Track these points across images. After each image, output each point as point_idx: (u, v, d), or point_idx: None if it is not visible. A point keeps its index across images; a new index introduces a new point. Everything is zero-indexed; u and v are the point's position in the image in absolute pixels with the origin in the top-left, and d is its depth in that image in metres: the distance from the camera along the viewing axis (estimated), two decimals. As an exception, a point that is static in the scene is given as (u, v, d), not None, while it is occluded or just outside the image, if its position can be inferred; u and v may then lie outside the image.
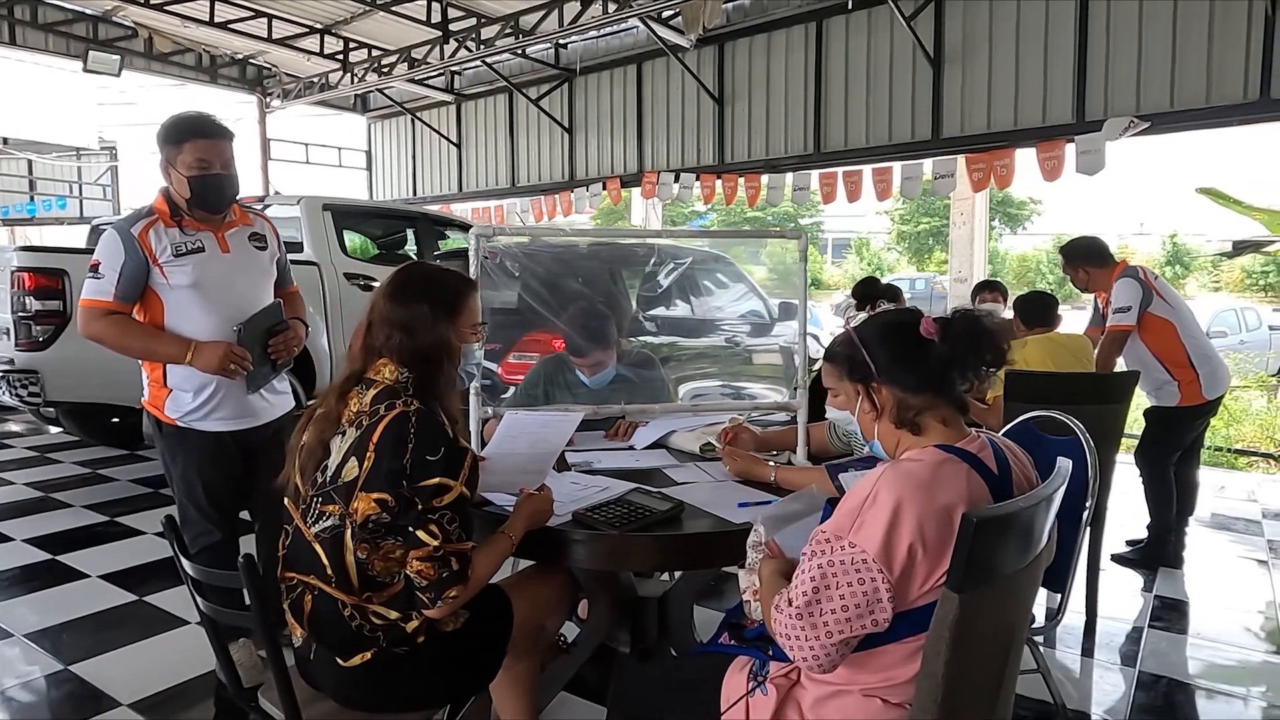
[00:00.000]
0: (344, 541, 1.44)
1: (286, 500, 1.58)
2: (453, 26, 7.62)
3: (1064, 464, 1.46)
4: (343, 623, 1.46)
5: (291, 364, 2.60)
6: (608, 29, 7.52)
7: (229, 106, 10.04)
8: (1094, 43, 5.52)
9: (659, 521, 1.79)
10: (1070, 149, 5.57)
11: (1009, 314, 4.19)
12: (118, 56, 8.37)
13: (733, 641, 1.61)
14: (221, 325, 2.32)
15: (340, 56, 8.68)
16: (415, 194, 10.50)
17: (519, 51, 7.88)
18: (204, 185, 2.23)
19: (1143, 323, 3.57)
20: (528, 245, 2.36)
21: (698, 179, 7.62)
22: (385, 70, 8.39)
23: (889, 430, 1.43)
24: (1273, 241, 7.32)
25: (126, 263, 2.18)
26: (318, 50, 8.56)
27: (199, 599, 1.55)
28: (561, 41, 7.86)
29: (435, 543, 1.42)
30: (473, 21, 7.54)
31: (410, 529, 1.42)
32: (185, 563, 1.53)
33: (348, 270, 5.41)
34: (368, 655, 1.46)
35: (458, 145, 9.92)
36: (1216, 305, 13.83)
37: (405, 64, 8.27)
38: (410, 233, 6.23)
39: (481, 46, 7.40)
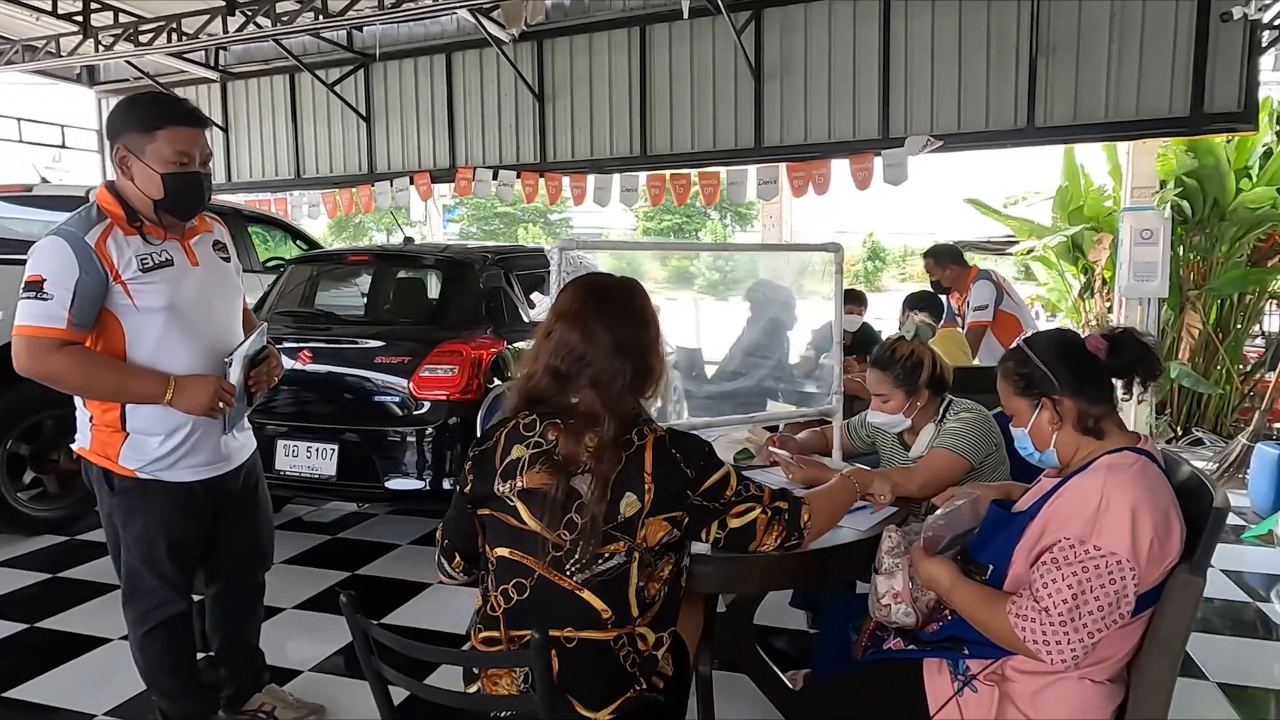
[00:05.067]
0: (629, 576, 1.39)
1: (515, 554, 1.42)
2: (239, -3, 6.74)
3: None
4: (608, 660, 1.39)
5: (264, 397, 2.28)
6: (412, 16, 7.08)
7: (-96, 67, 8.00)
8: (895, 69, 6.23)
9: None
10: (878, 162, 6.25)
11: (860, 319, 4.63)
12: None
13: (910, 646, 1.68)
14: (202, 356, 1.96)
15: (79, 18, 7.31)
16: (167, 182, 9.15)
17: (316, 33, 7.16)
18: (181, 185, 1.85)
19: (995, 318, 4.15)
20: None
21: (518, 176, 7.46)
22: (144, 41, 7.22)
23: (1069, 438, 1.58)
24: (1000, 243, 8.75)
25: (82, 279, 1.77)
26: (49, 9, 7.14)
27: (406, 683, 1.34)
28: (356, 24, 7.27)
29: (759, 509, 1.48)
30: (261, -7, 6.73)
31: (720, 524, 1.47)
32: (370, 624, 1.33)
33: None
34: (629, 695, 1.39)
35: (224, 129, 8.81)
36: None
37: (168, 35, 7.17)
38: (219, 230, 5.47)
39: (279, 23, 6.63)
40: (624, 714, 1.38)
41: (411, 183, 7.89)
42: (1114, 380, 1.59)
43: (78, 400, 1.94)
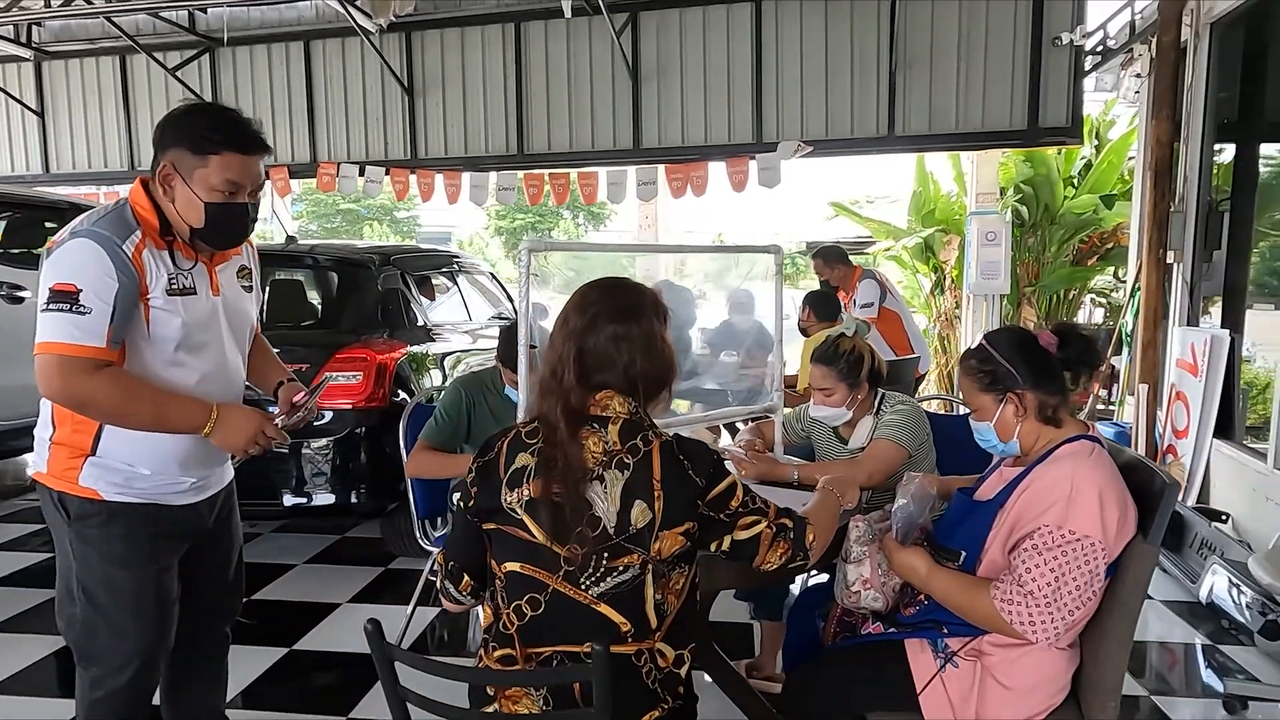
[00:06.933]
0: (645, 587, 1.36)
1: (527, 568, 1.37)
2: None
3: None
4: (631, 677, 1.35)
5: None
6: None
7: None
8: (767, 75, 6.47)
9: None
10: (753, 165, 6.48)
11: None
12: None
13: (890, 629, 1.77)
14: (198, 395, 1.71)
15: None
16: (-31, 172, 8.11)
17: (155, 12, 6.55)
18: (225, 216, 1.64)
19: (879, 315, 4.41)
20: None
21: (387, 173, 7.15)
22: (-57, 9, 6.34)
23: (1032, 428, 1.71)
24: (852, 244, 9.29)
25: (120, 292, 1.54)
26: None
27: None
28: (200, 5, 6.74)
29: (764, 522, 1.44)
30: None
31: (730, 538, 1.43)
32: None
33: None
34: (655, 714, 1.37)
35: (40, 114, 7.90)
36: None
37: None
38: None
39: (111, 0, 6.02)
40: None
41: (267, 177, 7.36)
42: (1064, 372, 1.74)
43: (45, 413, 1.66)
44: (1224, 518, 3.92)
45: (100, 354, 1.52)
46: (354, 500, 3.38)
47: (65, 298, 1.50)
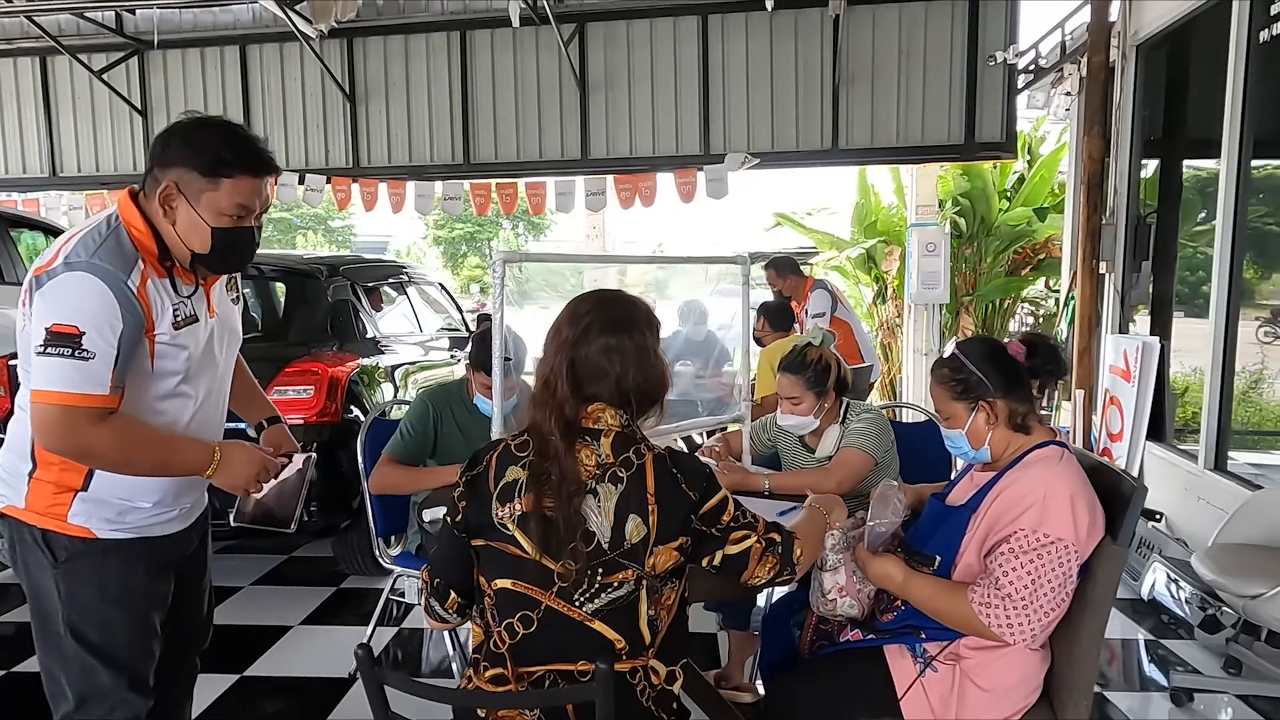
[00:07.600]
0: (639, 604, 1.34)
1: (519, 585, 1.34)
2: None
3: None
4: (627, 696, 1.33)
5: None
6: (197, 1, 6.44)
7: None
8: (714, 88, 6.54)
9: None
10: (701, 176, 6.53)
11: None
12: None
13: (870, 635, 1.78)
14: (193, 427, 1.63)
15: None
16: None
17: (80, 12, 6.29)
18: (233, 241, 1.52)
19: (830, 324, 4.49)
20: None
21: (328, 181, 6.99)
22: None
23: (1002, 435, 1.75)
24: (795, 255, 9.44)
25: (126, 333, 1.42)
26: None
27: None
28: (128, 6, 6.50)
29: (754, 536, 1.43)
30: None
31: (722, 552, 1.41)
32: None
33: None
34: None
35: (-50, 116, 7.49)
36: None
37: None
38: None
39: (36, -3, 5.75)
40: None
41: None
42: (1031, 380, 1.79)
43: (19, 446, 1.52)
44: (1158, 517, 4.10)
45: (104, 402, 1.40)
46: (305, 519, 3.26)
47: (66, 341, 1.36)
